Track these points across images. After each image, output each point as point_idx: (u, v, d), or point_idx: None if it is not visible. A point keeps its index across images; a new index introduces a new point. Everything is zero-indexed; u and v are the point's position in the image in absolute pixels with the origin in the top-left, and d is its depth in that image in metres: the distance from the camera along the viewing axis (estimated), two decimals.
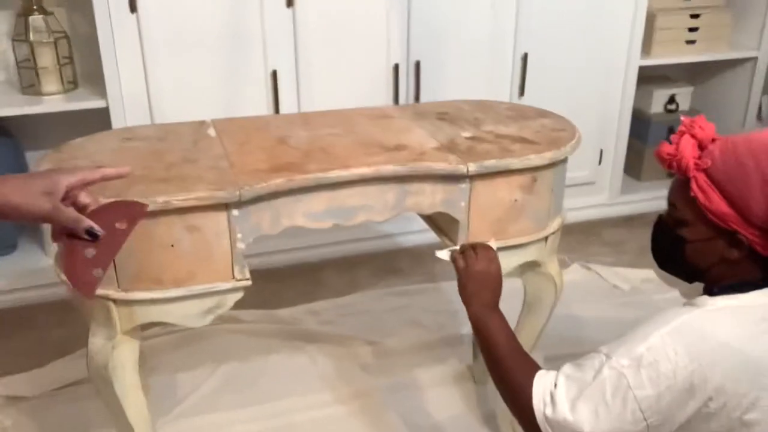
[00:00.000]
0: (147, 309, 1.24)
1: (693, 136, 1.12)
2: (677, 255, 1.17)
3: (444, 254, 1.38)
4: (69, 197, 0.94)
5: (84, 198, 0.96)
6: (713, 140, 1.12)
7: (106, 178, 0.99)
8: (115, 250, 0.99)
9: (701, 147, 1.12)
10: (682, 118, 1.16)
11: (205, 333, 2.09)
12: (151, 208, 1.15)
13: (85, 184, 0.96)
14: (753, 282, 1.09)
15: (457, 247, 1.37)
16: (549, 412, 1.07)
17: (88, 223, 0.94)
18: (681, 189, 1.13)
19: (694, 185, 1.09)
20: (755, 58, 2.93)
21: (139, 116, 2.19)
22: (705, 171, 1.09)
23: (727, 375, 1.01)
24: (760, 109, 3.11)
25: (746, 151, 1.05)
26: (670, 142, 1.14)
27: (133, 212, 1.01)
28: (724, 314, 1.06)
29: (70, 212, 0.93)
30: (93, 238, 0.94)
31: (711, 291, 1.14)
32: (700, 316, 1.06)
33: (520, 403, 1.12)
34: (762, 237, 1.06)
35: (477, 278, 1.28)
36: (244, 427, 1.77)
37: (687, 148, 1.11)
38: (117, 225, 0.98)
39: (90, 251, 0.95)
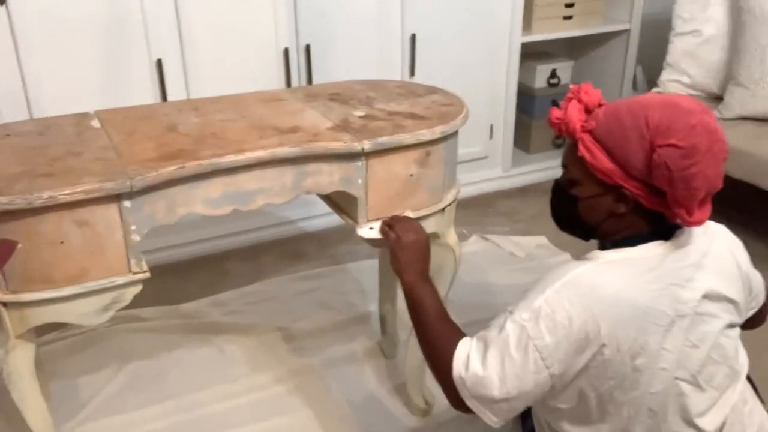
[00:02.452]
0: (40, 310, 1.19)
1: (579, 101, 1.20)
2: (571, 214, 1.24)
3: (368, 232, 1.40)
4: None
5: None
6: (600, 105, 1.19)
7: None
8: None
9: (588, 111, 1.19)
10: (570, 86, 1.24)
11: (105, 334, 2.02)
12: (35, 204, 1.10)
13: None
14: (641, 236, 1.18)
15: (375, 226, 1.40)
16: (463, 371, 1.13)
17: None
18: (571, 151, 1.21)
19: (581, 145, 1.17)
20: (628, 31, 3.11)
21: (17, 113, 2.07)
22: (590, 132, 1.17)
23: (617, 322, 1.09)
24: (635, 78, 3.31)
25: (626, 111, 1.14)
26: (559, 108, 1.22)
27: (1, 252, 0.92)
28: (614, 266, 1.14)
29: None
30: None
31: (603, 246, 1.22)
32: (591, 269, 1.14)
33: (441, 367, 1.17)
34: (644, 190, 1.14)
35: (410, 248, 1.33)
36: (154, 425, 1.73)
37: (574, 112, 1.19)
38: None
39: None
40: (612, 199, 1.17)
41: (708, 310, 1.16)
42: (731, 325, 1.21)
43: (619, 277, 1.12)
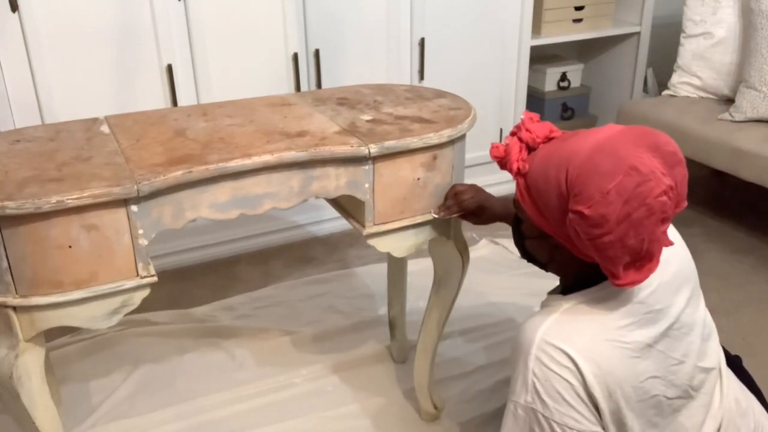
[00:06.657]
0: (49, 314, 1.20)
1: (520, 139, 1.11)
2: (524, 247, 1.20)
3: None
4: None
5: None
6: (549, 139, 1.10)
7: None
8: None
9: (531, 149, 1.10)
10: (522, 114, 1.15)
11: (115, 338, 2.04)
12: (44, 208, 1.11)
13: None
14: (595, 275, 1.09)
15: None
16: None
17: None
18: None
19: (516, 189, 1.11)
20: (638, 33, 3.10)
21: (29, 118, 2.10)
22: (524, 176, 1.09)
23: (602, 369, 1.04)
24: (645, 81, 3.29)
25: (556, 158, 1.04)
26: (504, 143, 1.14)
27: None
28: (578, 315, 1.08)
29: None
30: None
31: (564, 284, 1.17)
32: (555, 323, 1.07)
33: None
34: (573, 243, 1.06)
35: (471, 190, 1.42)
36: (164, 429, 1.74)
37: (514, 151, 1.10)
38: None
39: None
40: (549, 243, 1.11)
41: (685, 322, 1.12)
42: (705, 323, 1.17)
43: (586, 325, 1.06)
